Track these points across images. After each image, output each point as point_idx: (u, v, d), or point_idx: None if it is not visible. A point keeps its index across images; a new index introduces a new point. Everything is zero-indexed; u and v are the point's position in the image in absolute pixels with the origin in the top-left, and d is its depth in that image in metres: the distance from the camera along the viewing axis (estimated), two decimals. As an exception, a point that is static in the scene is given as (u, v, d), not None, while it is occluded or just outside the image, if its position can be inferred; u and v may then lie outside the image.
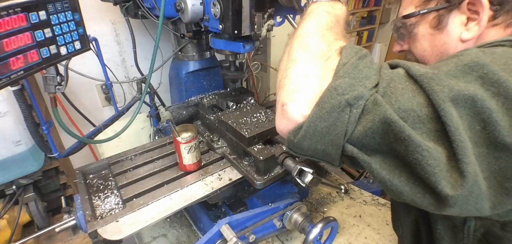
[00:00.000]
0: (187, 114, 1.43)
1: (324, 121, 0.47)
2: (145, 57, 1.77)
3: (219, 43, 1.15)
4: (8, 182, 1.42)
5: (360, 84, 0.46)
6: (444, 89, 0.41)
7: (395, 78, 0.46)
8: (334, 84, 0.47)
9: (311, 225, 1.02)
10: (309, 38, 0.56)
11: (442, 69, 0.44)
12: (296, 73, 0.53)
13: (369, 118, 0.45)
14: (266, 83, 2.19)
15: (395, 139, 0.43)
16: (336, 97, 0.46)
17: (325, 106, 0.47)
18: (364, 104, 0.45)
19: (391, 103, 0.44)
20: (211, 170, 1.12)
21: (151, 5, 1.27)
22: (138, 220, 0.89)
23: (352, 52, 0.51)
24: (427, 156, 0.40)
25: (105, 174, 1.12)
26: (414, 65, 0.46)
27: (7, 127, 1.29)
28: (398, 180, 0.45)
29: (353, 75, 0.47)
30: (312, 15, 0.61)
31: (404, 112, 0.43)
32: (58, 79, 0.94)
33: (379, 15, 3.68)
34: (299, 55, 0.55)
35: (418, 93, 0.44)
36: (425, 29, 0.66)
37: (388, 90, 0.45)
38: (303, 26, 0.59)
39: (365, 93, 0.45)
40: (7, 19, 0.69)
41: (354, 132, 0.46)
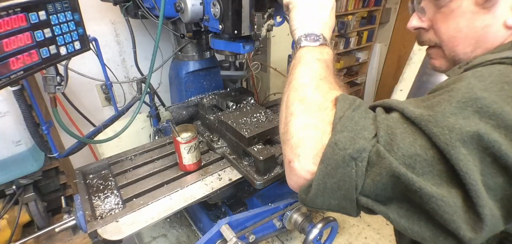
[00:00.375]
0: (187, 114, 1.43)
1: (331, 178, 0.47)
2: (145, 57, 1.77)
3: (219, 44, 1.15)
4: (8, 182, 1.42)
5: (360, 136, 0.46)
6: (444, 131, 0.40)
7: (392, 124, 0.45)
8: (334, 140, 0.47)
9: (311, 225, 1.02)
10: (305, 90, 0.56)
11: (437, 110, 0.42)
12: (295, 126, 0.53)
13: (376, 171, 0.44)
14: (266, 83, 2.19)
15: (407, 190, 0.42)
16: (338, 153, 0.46)
17: (330, 163, 0.46)
18: (368, 156, 0.45)
19: (394, 151, 0.43)
20: (211, 170, 1.12)
21: (151, 5, 1.27)
22: (138, 220, 0.89)
23: (346, 104, 0.50)
24: (442, 205, 0.39)
25: (105, 174, 1.12)
26: (407, 107, 0.45)
27: (7, 127, 1.29)
28: (418, 226, 0.44)
29: (351, 128, 0.47)
30: (303, 63, 0.61)
31: (409, 158, 0.42)
32: (58, 79, 0.93)
33: (379, 15, 3.68)
34: (297, 108, 0.55)
35: (418, 135, 0.43)
36: (468, 6, 0.57)
37: (388, 138, 0.44)
38: (297, 77, 0.59)
39: (366, 145, 0.45)
40: (7, 19, 0.69)
41: (364, 185, 0.46)
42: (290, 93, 0.58)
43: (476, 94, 0.41)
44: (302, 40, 0.65)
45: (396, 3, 3.67)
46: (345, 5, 3.30)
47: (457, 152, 0.39)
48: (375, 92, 4.14)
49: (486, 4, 0.55)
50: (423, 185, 0.40)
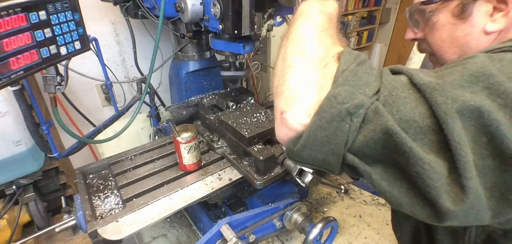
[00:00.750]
0: (187, 114, 1.43)
1: (324, 130, 0.46)
2: (145, 57, 1.77)
3: (219, 44, 1.15)
4: (8, 182, 1.42)
5: (360, 92, 0.45)
6: (447, 101, 0.40)
7: (397, 86, 0.44)
8: (334, 93, 0.46)
9: (311, 225, 1.02)
10: (305, 42, 0.54)
11: (447, 79, 0.42)
12: (293, 80, 0.51)
13: (370, 128, 0.44)
14: (266, 83, 2.19)
15: (396, 150, 0.42)
16: (336, 106, 0.45)
17: (325, 116, 0.46)
18: (365, 112, 0.44)
19: (393, 112, 0.42)
20: (211, 170, 1.12)
21: (151, 5, 1.27)
22: (138, 220, 0.89)
23: (351, 58, 0.49)
24: (428, 169, 0.39)
25: (105, 174, 1.12)
26: (417, 73, 0.44)
27: (7, 127, 1.29)
28: (398, 191, 0.44)
29: (353, 83, 0.46)
30: (304, 15, 0.58)
31: (405, 122, 0.42)
32: (58, 79, 0.93)
33: (379, 15, 3.68)
34: (296, 61, 0.53)
35: (420, 103, 0.42)
36: (446, 18, 0.62)
37: (389, 99, 0.43)
38: (296, 28, 0.57)
39: (365, 102, 0.44)
40: (7, 19, 0.69)
41: (355, 141, 0.45)
42: (288, 45, 0.56)
43: (490, 70, 0.41)
44: None
45: (396, 3, 3.67)
46: (345, 5, 3.30)
47: (453, 122, 0.39)
48: (375, 92, 4.14)
49: (461, 16, 0.59)
50: (414, 147, 0.40)
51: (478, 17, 0.58)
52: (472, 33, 0.60)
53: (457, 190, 0.39)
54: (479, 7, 0.58)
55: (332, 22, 0.59)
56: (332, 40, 0.55)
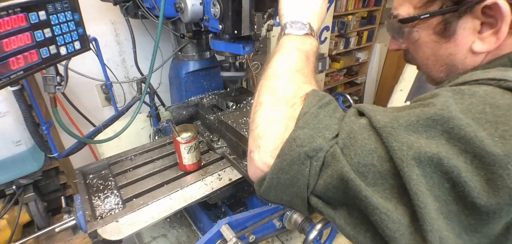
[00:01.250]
0: (187, 114, 1.43)
1: (285, 173, 0.46)
2: (145, 57, 1.77)
3: (219, 45, 1.15)
4: (8, 182, 1.42)
5: (319, 135, 0.45)
6: (402, 147, 0.38)
7: (356, 129, 0.43)
8: (294, 135, 0.46)
9: (311, 225, 1.02)
10: (277, 81, 0.55)
11: (402, 122, 0.40)
12: (261, 118, 0.52)
13: (328, 173, 0.44)
14: (266, 83, 2.19)
15: (355, 197, 0.41)
16: (295, 149, 0.45)
17: (285, 158, 0.46)
18: (324, 156, 0.44)
19: (351, 156, 0.42)
20: (211, 170, 1.12)
21: (151, 5, 1.27)
22: (138, 220, 0.89)
23: (314, 100, 0.49)
24: (385, 220, 0.38)
25: (105, 174, 1.12)
26: (375, 115, 0.43)
27: (7, 127, 1.29)
28: (363, 236, 0.43)
29: (313, 126, 0.46)
30: (282, 51, 0.59)
31: (364, 167, 0.41)
32: (58, 79, 0.93)
33: (379, 15, 3.68)
34: (266, 99, 0.54)
35: (379, 145, 0.41)
36: (428, 36, 0.55)
37: (347, 142, 0.43)
38: (272, 65, 0.58)
39: (324, 145, 0.44)
40: (7, 19, 0.69)
41: (316, 185, 0.45)
42: (263, 82, 0.57)
43: (450, 113, 0.38)
44: (287, 27, 0.62)
45: None
46: (345, 5, 3.30)
47: (410, 170, 0.37)
48: (375, 92, 4.14)
49: (445, 34, 0.52)
50: (369, 195, 0.39)
51: (463, 35, 0.51)
52: (458, 53, 0.53)
53: (419, 240, 0.37)
54: (464, 24, 0.50)
55: (309, 60, 0.59)
56: (304, 80, 0.55)
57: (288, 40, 0.61)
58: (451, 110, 0.38)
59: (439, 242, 0.36)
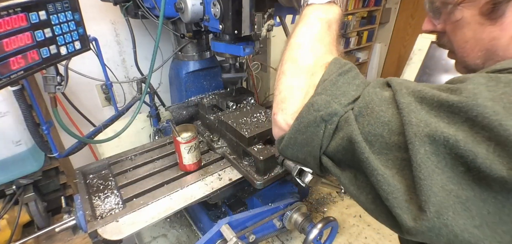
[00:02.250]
0: (187, 114, 1.43)
1: (302, 134, 0.51)
2: (145, 57, 1.77)
3: (219, 46, 1.16)
4: (8, 182, 1.42)
5: (336, 101, 0.48)
6: (419, 124, 0.39)
7: (375, 100, 0.44)
8: (311, 101, 0.50)
9: (311, 225, 1.02)
10: (299, 51, 0.58)
11: (426, 102, 0.40)
12: (284, 85, 0.57)
13: (340, 135, 0.47)
14: (266, 83, 2.19)
15: (359, 160, 0.44)
16: (312, 113, 0.49)
17: (303, 121, 0.50)
18: (338, 120, 0.47)
19: (363, 124, 0.44)
20: (211, 170, 1.12)
21: (151, 5, 1.27)
22: (138, 220, 0.89)
23: (335, 68, 0.52)
24: (381, 181, 0.41)
25: (105, 174, 1.12)
26: (402, 90, 0.43)
27: (7, 127, 1.29)
28: (365, 197, 0.46)
29: (330, 92, 0.49)
30: (304, 22, 0.61)
31: (373, 136, 0.43)
32: (58, 79, 0.93)
33: (379, 15, 3.68)
34: (288, 68, 0.58)
35: (395, 119, 0.42)
36: (472, 16, 0.51)
37: (363, 111, 0.45)
38: (295, 35, 0.60)
39: (339, 110, 0.47)
40: (7, 19, 0.69)
41: (328, 146, 0.49)
42: (286, 51, 0.60)
43: (476, 101, 0.37)
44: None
45: (396, 3, 3.67)
46: (345, 5, 3.30)
47: (419, 145, 0.38)
48: (375, 93, 4.14)
49: (491, 16, 0.49)
50: (371, 158, 0.42)
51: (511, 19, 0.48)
52: (501, 38, 0.49)
53: (414, 209, 0.38)
54: None
55: (330, 28, 0.61)
56: (325, 49, 0.58)
57: (310, 10, 0.62)
58: (477, 98, 0.37)
59: (437, 216, 0.37)
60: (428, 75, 1.46)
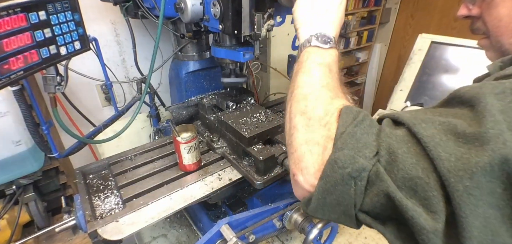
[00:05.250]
0: (187, 114, 1.43)
1: (331, 194, 0.47)
2: (145, 57, 1.77)
3: (219, 52, 1.16)
4: (8, 182, 1.42)
5: (360, 155, 0.45)
6: (450, 158, 0.37)
7: (394, 143, 0.43)
8: (334, 157, 0.47)
9: (311, 225, 1.02)
10: (305, 101, 0.56)
11: (450, 134, 0.39)
12: (298, 141, 0.53)
13: (374, 191, 0.44)
14: (266, 83, 2.19)
15: (403, 217, 0.41)
16: (338, 171, 0.46)
17: (329, 180, 0.47)
18: (368, 175, 0.44)
19: (394, 173, 0.42)
20: (211, 170, 1.12)
21: (151, 5, 1.27)
22: (138, 220, 0.89)
23: (349, 119, 0.49)
24: (433, 239, 0.39)
25: (105, 174, 1.12)
26: (416, 125, 0.42)
27: (7, 127, 1.29)
28: None
29: (352, 146, 0.46)
30: (303, 70, 0.60)
31: (410, 181, 0.40)
32: (58, 79, 0.93)
33: (379, 15, 3.67)
34: (298, 122, 0.55)
35: (421, 156, 0.40)
36: None
37: (389, 158, 0.43)
38: (298, 86, 0.58)
39: (366, 165, 0.44)
40: (7, 19, 0.69)
41: (363, 203, 0.46)
42: (292, 104, 0.58)
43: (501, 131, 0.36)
44: (312, 40, 0.62)
45: (396, 3, 3.67)
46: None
47: (456, 181, 0.37)
48: (375, 92, 4.13)
49: None
50: (416, 215, 0.39)
51: None
52: None
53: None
54: None
55: (332, 71, 0.59)
56: (331, 94, 0.55)
57: (307, 56, 0.61)
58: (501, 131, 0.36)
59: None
60: (428, 75, 1.45)
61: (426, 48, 1.48)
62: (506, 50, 0.56)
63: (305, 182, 0.51)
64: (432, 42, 1.47)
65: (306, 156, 0.51)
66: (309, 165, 0.51)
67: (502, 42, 0.56)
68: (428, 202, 0.39)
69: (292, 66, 0.66)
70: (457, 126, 0.39)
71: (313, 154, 0.51)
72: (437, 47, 1.45)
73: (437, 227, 0.38)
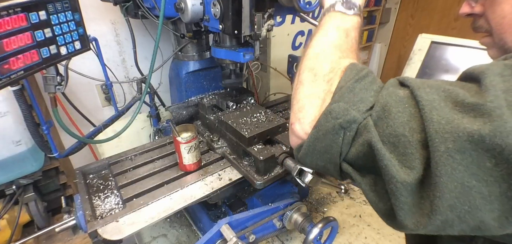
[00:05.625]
0: (187, 114, 1.43)
1: (321, 142, 0.51)
2: (145, 57, 1.77)
3: (220, 53, 1.16)
4: (8, 182, 1.42)
5: (354, 108, 0.47)
6: (441, 121, 0.39)
7: (391, 102, 0.45)
8: (329, 108, 0.50)
9: (311, 225, 1.02)
10: (315, 59, 0.58)
11: (450, 100, 0.40)
12: (301, 94, 0.57)
13: (360, 142, 0.47)
14: (266, 83, 2.19)
15: (378, 166, 0.44)
16: (330, 121, 0.49)
17: (321, 129, 0.50)
18: (357, 127, 0.47)
19: (383, 128, 0.44)
20: (211, 170, 1.12)
21: (151, 5, 1.27)
22: (138, 220, 0.89)
23: (351, 74, 0.52)
24: (400, 188, 0.41)
25: (105, 174, 1.12)
26: (423, 87, 0.43)
27: (7, 127, 1.29)
28: (384, 204, 0.46)
29: (348, 99, 0.48)
30: (321, 31, 0.62)
31: (394, 137, 0.42)
32: (58, 79, 0.93)
33: (379, 15, 3.67)
34: (305, 77, 0.58)
35: (414, 118, 0.42)
36: None
37: (381, 114, 0.45)
38: (312, 45, 0.61)
39: (358, 117, 0.47)
40: (7, 19, 0.69)
41: (348, 153, 0.49)
42: (303, 60, 0.61)
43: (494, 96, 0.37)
44: (337, 4, 0.63)
45: (396, 3, 3.67)
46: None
47: (440, 142, 0.38)
48: (375, 93, 4.14)
49: None
50: (390, 165, 0.42)
51: None
52: None
53: (423, 206, 0.40)
54: None
55: (349, 36, 0.61)
56: (341, 55, 0.58)
57: (327, 19, 0.63)
58: (497, 90, 0.37)
59: (450, 210, 0.38)
60: (428, 75, 1.45)
61: (426, 48, 1.48)
62: (509, 47, 0.56)
63: (301, 129, 0.55)
64: (432, 42, 1.47)
65: (306, 107, 0.55)
66: (307, 115, 0.54)
67: (505, 39, 0.56)
68: (405, 158, 0.42)
69: (292, 66, 0.68)
70: (459, 95, 0.40)
71: (312, 105, 0.54)
72: (437, 47, 1.45)
73: (407, 179, 0.40)
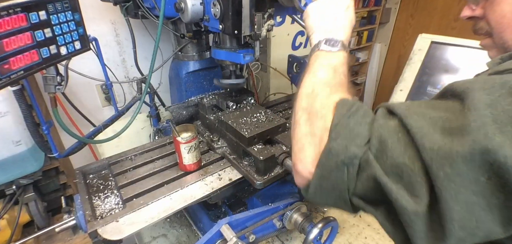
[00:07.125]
0: (187, 114, 1.43)
1: (326, 180, 0.52)
2: (145, 57, 1.77)
3: (220, 54, 1.16)
4: (8, 182, 1.42)
5: (352, 144, 0.48)
6: (433, 147, 0.40)
7: (385, 133, 0.46)
8: (329, 147, 0.51)
9: (311, 225, 1.02)
10: (308, 99, 0.60)
11: (438, 126, 0.42)
12: (299, 134, 0.59)
13: (365, 176, 0.48)
14: (266, 83, 2.19)
15: (389, 199, 0.45)
16: (332, 159, 0.50)
17: (325, 168, 0.51)
18: (359, 162, 0.48)
19: (383, 160, 0.45)
20: (211, 170, 1.12)
21: (151, 5, 1.27)
22: (138, 220, 0.89)
23: (343, 110, 0.53)
24: (414, 220, 0.42)
25: (105, 174, 1.12)
26: (407, 117, 0.44)
27: (7, 127, 1.29)
28: (401, 234, 0.46)
29: (345, 136, 0.50)
30: (310, 71, 0.64)
31: (397, 167, 0.43)
32: (58, 79, 0.93)
33: (379, 15, 3.67)
34: (300, 117, 0.60)
35: (410, 146, 0.43)
36: None
37: (379, 147, 0.46)
38: (304, 85, 0.63)
39: (358, 152, 0.48)
40: (7, 19, 0.69)
41: (356, 188, 0.49)
42: (297, 102, 0.63)
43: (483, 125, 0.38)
44: (320, 45, 0.67)
45: (396, 3, 3.67)
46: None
47: (438, 169, 0.39)
48: (375, 92, 4.13)
49: None
50: (399, 198, 0.42)
51: None
52: None
53: (437, 231, 0.40)
54: None
55: (336, 72, 0.63)
56: (330, 91, 0.60)
57: (316, 58, 0.66)
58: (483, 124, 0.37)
59: (460, 229, 0.38)
60: (428, 75, 1.45)
61: (426, 48, 1.48)
62: (509, 47, 0.57)
63: (304, 169, 0.56)
64: (432, 42, 1.47)
65: (305, 147, 0.56)
66: (307, 154, 0.56)
67: (505, 39, 0.57)
68: (412, 187, 0.42)
69: (292, 66, 0.69)
70: (445, 120, 0.42)
71: (311, 144, 0.55)
72: (437, 47, 1.46)
73: (418, 209, 0.41)
